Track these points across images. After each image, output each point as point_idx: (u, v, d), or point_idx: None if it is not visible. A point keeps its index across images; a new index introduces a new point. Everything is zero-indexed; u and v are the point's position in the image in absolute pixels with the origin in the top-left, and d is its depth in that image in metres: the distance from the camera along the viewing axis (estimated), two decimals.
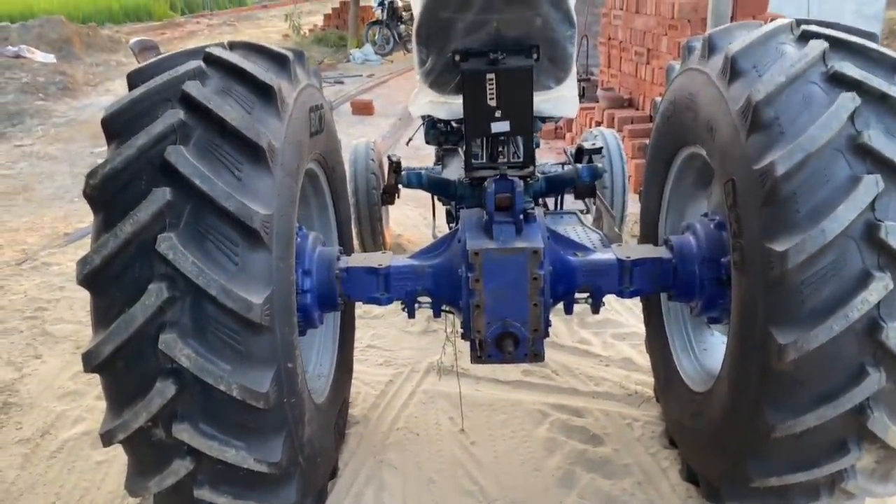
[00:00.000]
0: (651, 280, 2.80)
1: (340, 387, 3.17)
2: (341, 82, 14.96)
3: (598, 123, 7.94)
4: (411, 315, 2.90)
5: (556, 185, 3.03)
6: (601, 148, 3.23)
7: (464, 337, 2.80)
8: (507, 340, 2.64)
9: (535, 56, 2.57)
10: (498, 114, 2.62)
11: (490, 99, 2.59)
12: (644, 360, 3.79)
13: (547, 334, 2.79)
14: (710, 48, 2.55)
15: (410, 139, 5.29)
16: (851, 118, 2.07)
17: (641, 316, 4.21)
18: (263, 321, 2.08)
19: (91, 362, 2.07)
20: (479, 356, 2.70)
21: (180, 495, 2.24)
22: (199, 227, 2.07)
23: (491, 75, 2.56)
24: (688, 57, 2.79)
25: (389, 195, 4.79)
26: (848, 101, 2.08)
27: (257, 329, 2.09)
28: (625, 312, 4.46)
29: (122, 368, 2.09)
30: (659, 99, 3.18)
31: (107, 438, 2.15)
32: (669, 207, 3.21)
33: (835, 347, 2.01)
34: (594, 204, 5.46)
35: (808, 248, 1.99)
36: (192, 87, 2.17)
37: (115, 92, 13.13)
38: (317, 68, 3.04)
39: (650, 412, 3.46)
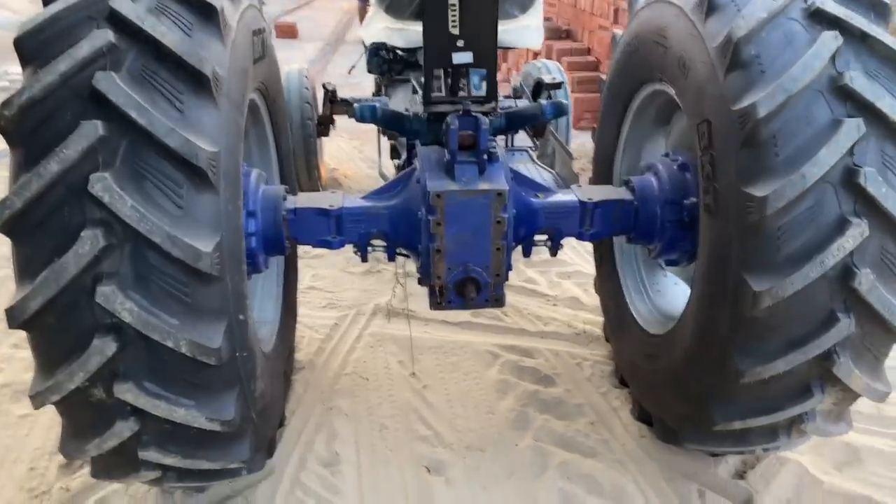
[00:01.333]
0: (612, 222, 2.73)
1: (286, 333, 3.01)
2: (262, 2, 14.13)
3: (536, 55, 7.77)
4: (364, 259, 2.75)
5: (516, 122, 2.89)
6: (562, 83, 3.11)
7: (420, 282, 2.68)
8: (469, 286, 2.53)
9: None
10: (460, 43, 2.44)
11: (452, 26, 2.40)
12: (591, 299, 3.79)
13: (507, 278, 2.69)
14: None
15: (353, 67, 5.00)
16: (833, 59, 2.00)
17: (585, 255, 4.21)
18: (213, 270, 1.89)
19: (17, 318, 1.84)
20: (438, 302, 2.59)
21: (123, 457, 2.07)
22: (137, 165, 1.84)
23: (454, 1, 2.36)
24: None
25: (324, 126, 4.54)
26: (830, 39, 2.01)
27: (207, 279, 1.90)
28: (569, 251, 4.42)
29: (52, 325, 1.88)
30: (619, 32, 3.06)
31: (38, 401, 1.94)
32: (626, 146, 3.13)
33: (809, 294, 1.99)
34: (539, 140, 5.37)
35: (787, 194, 1.94)
36: (120, 4, 1.90)
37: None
38: None
39: (599, 351, 3.46)
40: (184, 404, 1.99)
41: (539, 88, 3.32)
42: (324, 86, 4.82)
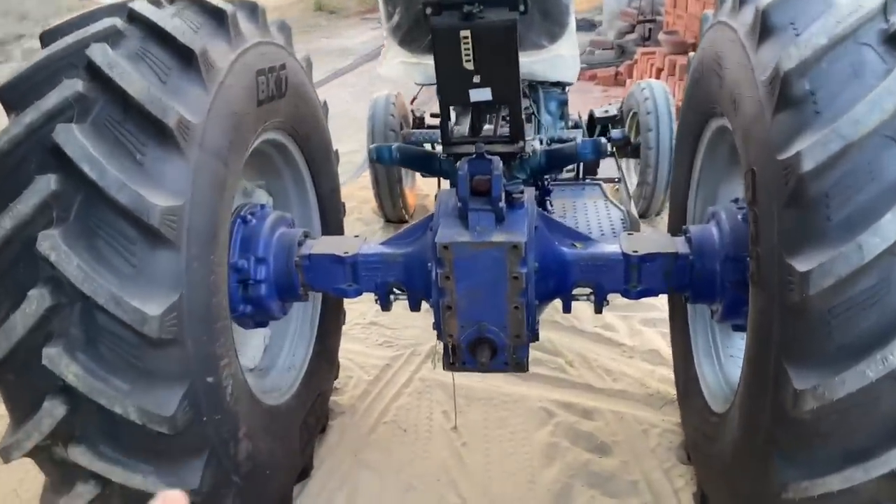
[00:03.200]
0: (663, 278, 2.35)
1: (315, 380, 2.87)
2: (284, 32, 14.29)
3: (660, 71, 7.24)
4: (385, 308, 2.55)
5: (556, 162, 2.57)
6: (616, 116, 2.74)
7: (439, 338, 2.44)
8: (483, 347, 2.25)
9: (521, 8, 2.10)
10: (476, 79, 2.18)
11: (466, 61, 2.15)
12: None
13: (534, 339, 2.39)
14: None
15: (415, 98, 4.83)
16: None
17: None
18: (163, 335, 1.76)
19: None
20: (451, 362, 2.34)
21: None
22: (90, 222, 1.75)
23: (465, 32, 2.10)
24: (720, 6, 2.26)
25: None
26: None
27: (157, 343, 1.78)
28: None
29: (12, 381, 1.83)
30: (692, 55, 2.66)
31: (4, 455, 1.90)
32: (700, 187, 2.72)
33: (868, 398, 1.55)
34: (636, 165, 4.93)
35: (838, 270, 1.51)
36: (96, 52, 1.83)
37: None
38: (284, 21, 2.64)
39: (671, 417, 3.03)
40: (142, 470, 1.88)
41: (592, 122, 2.97)
42: (412, 111, 4.69)
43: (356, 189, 5.82)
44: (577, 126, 4.65)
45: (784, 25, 1.79)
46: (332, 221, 3.06)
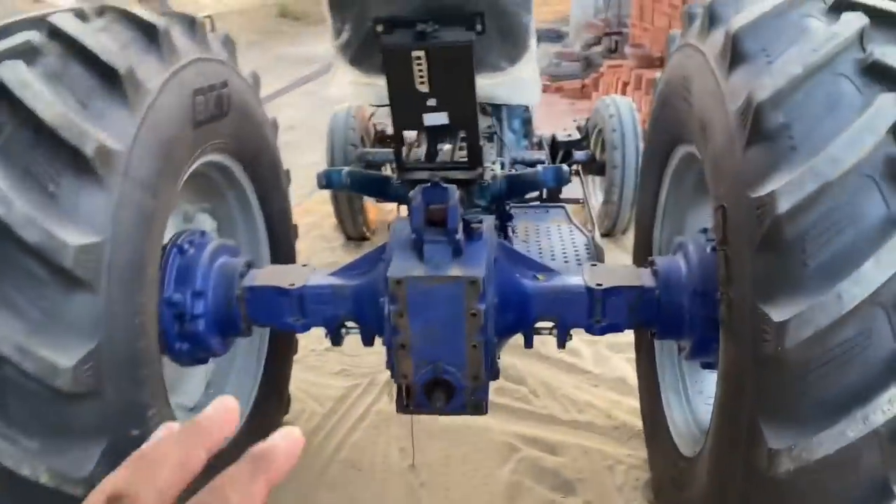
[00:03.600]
0: (628, 313, 2.22)
1: (262, 419, 2.68)
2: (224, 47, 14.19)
3: (626, 84, 7.18)
4: (335, 343, 2.38)
5: (518, 188, 2.45)
6: (581, 140, 2.62)
7: (393, 377, 2.28)
8: (439, 390, 2.10)
9: (478, 27, 1.97)
10: (431, 102, 2.03)
11: (420, 83, 2.00)
12: None
13: (493, 377, 2.25)
14: (712, 18, 1.92)
15: (373, 113, 4.67)
16: (894, 132, 1.44)
17: None
18: (78, 387, 1.58)
19: None
20: (406, 405, 2.18)
21: None
22: None
23: (419, 53, 1.96)
24: (688, 27, 2.15)
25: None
26: (890, 105, 1.46)
27: (72, 397, 1.59)
28: None
29: None
30: (659, 75, 2.55)
31: None
32: (666, 215, 2.60)
33: (847, 459, 1.43)
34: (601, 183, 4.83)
35: (816, 320, 1.40)
36: (6, 71, 1.66)
37: None
38: (227, 35, 2.48)
39: (638, 452, 2.90)
40: None
41: (555, 146, 2.84)
42: (374, 125, 4.53)
43: (317, 204, 5.63)
44: (541, 145, 4.54)
45: (756, 52, 1.68)
46: (282, 246, 2.88)
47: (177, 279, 2.22)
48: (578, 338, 3.65)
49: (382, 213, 5.34)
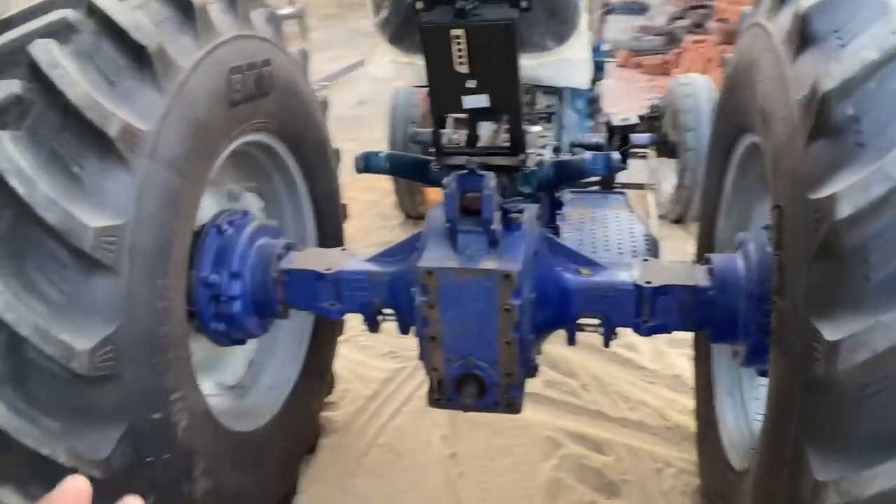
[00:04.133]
0: (679, 314, 2.07)
1: (302, 401, 2.66)
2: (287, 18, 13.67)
3: (709, 61, 6.81)
4: (372, 329, 2.33)
5: (566, 176, 2.30)
6: (636, 125, 2.45)
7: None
8: (470, 385, 2.02)
9: (523, 3, 1.83)
10: (471, 83, 1.92)
11: (460, 63, 1.89)
12: None
13: (530, 375, 2.15)
14: None
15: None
16: None
17: None
18: (94, 371, 1.58)
19: None
20: (436, 399, 2.11)
21: None
22: (18, 243, 1.57)
23: (458, 31, 1.85)
24: (759, 4, 1.96)
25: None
26: None
27: (89, 380, 1.59)
28: None
29: None
30: (729, 57, 2.35)
31: None
32: (729, 208, 2.41)
33: None
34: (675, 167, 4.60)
35: (874, 343, 1.24)
36: (40, 49, 1.64)
37: None
38: (272, 12, 2.42)
39: (689, 455, 2.75)
40: None
41: (611, 131, 2.68)
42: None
43: (378, 181, 5.56)
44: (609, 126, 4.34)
45: (827, 34, 1.49)
46: (329, 227, 2.84)
47: (214, 260, 2.20)
48: None
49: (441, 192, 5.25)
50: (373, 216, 5.12)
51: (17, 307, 1.53)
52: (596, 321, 2.20)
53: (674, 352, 3.39)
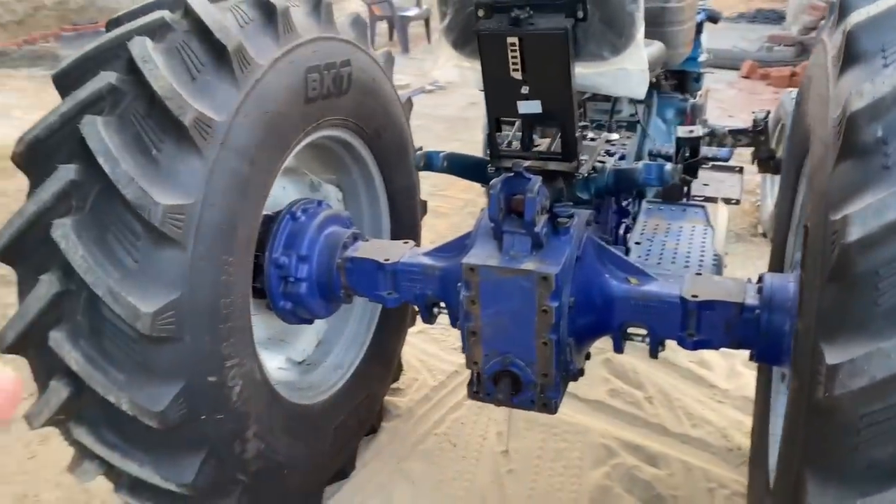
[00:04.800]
0: (724, 330, 2.04)
1: (363, 383, 2.81)
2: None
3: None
4: (426, 321, 2.44)
5: (623, 184, 2.30)
6: (699, 138, 2.41)
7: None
8: (505, 381, 2.08)
9: (579, 13, 1.87)
10: (525, 90, 1.98)
11: (514, 70, 1.96)
12: None
13: (572, 378, 2.18)
14: (842, 10, 1.68)
15: None
16: None
17: None
18: (156, 332, 1.77)
19: (1, 345, 1.92)
20: (475, 391, 2.19)
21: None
22: (102, 214, 1.80)
23: (513, 39, 1.91)
24: (827, 19, 1.90)
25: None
26: None
27: (152, 340, 1.79)
28: None
29: (32, 355, 1.94)
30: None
31: (29, 421, 2.02)
32: (799, 226, 2.34)
33: None
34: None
35: (873, 370, 1.21)
36: (135, 45, 1.86)
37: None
38: (358, 16, 2.58)
39: (745, 479, 2.67)
40: (138, 459, 1.92)
41: (678, 144, 2.62)
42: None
43: None
44: (712, 134, 4.22)
45: (873, 52, 1.45)
46: (404, 221, 2.98)
47: (285, 243, 2.39)
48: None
49: None
50: (465, 214, 5.24)
51: (96, 270, 1.75)
52: (643, 331, 2.21)
53: (749, 372, 3.28)
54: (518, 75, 1.97)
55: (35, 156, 1.88)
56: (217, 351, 1.96)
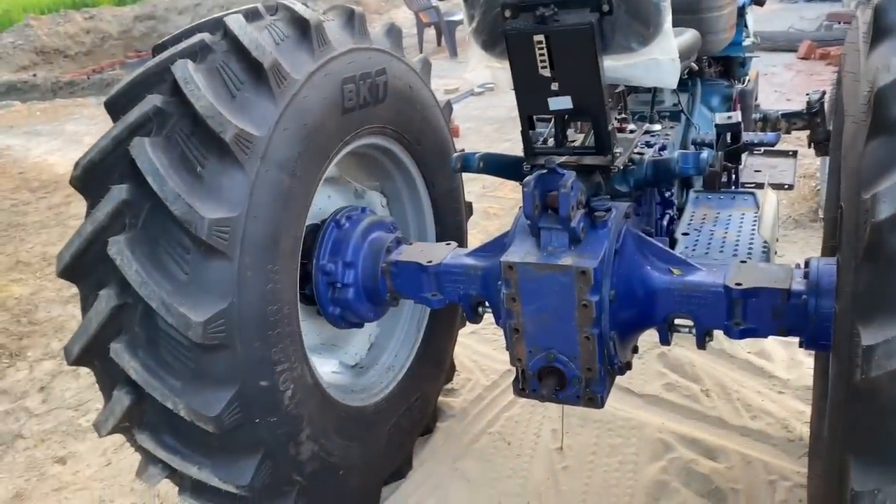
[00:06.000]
0: (771, 317, 2.00)
1: (416, 383, 2.86)
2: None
3: None
4: (471, 320, 2.47)
5: (662, 175, 2.27)
6: (739, 123, 2.35)
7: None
8: (550, 377, 2.09)
9: (604, 7, 1.87)
10: (555, 86, 1.99)
11: (542, 67, 1.97)
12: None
13: (618, 373, 2.18)
14: None
15: None
16: None
17: None
18: (208, 340, 1.86)
19: (68, 358, 2.04)
20: (520, 388, 2.20)
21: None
22: (153, 230, 1.89)
23: (539, 37, 1.93)
24: None
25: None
26: None
27: (204, 348, 1.88)
28: None
29: (96, 366, 2.05)
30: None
31: (97, 428, 2.14)
32: None
33: None
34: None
35: None
36: (178, 68, 1.96)
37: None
38: (393, 24, 2.63)
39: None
40: (198, 462, 2.01)
41: (718, 130, 2.57)
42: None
43: None
44: (765, 119, 4.11)
45: None
46: (448, 224, 3.02)
47: (331, 250, 2.46)
48: (774, 339, 3.34)
49: None
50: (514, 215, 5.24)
51: (149, 284, 1.84)
52: (689, 322, 2.18)
53: (811, 361, 3.18)
54: (547, 72, 1.98)
55: (91, 178, 1.99)
56: (267, 356, 2.04)
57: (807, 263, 2.02)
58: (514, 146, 6.03)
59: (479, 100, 9.10)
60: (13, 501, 2.92)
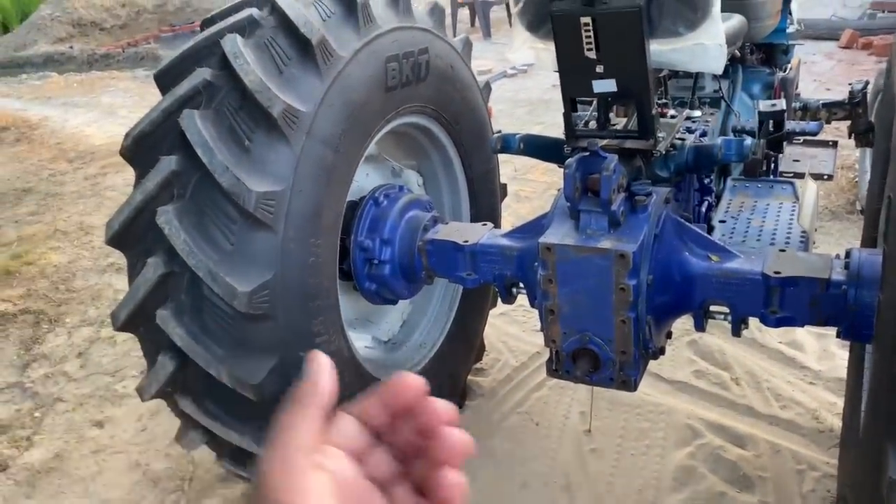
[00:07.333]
0: (809, 307, 2.00)
1: (447, 361, 2.90)
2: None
3: None
4: (505, 301, 2.49)
5: (703, 161, 2.26)
6: (782, 111, 2.33)
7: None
8: (584, 359, 2.11)
9: None
10: (599, 69, 1.99)
11: (588, 50, 1.97)
12: None
13: (652, 357, 2.19)
14: None
15: None
16: None
17: None
18: (252, 310, 1.90)
19: (115, 324, 2.10)
20: (553, 369, 2.22)
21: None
22: (200, 201, 1.93)
23: (586, 19, 1.93)
24: None
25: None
26: None
27: (248, 317, 1.92)
28: None
29: (142, 333, 2.11)
30: None
31: (140, 393, 2.20)
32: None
33: None
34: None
35: None
36: (227, 43, 1.99)
37: None
38: (437, 3, 2.64)
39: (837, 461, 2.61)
40: (238, 429, 2.07)
41: (760, 118, 2.54)
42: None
43: None
44: (805, 108, 4.07)
45: None
46: (483, 204, 3.03)
47: (369, 227, 2.49)
48: (806, 329, 3.34)
49: None
50: (548, 198, 5.24)
51: (197, 253, 1.89)
52: (725, 309, 2.19)
53: (843, 353, 3.17)
54: (592, 55, 1.99)
55: (140, 149, 2.04)
56: (308, 328, 2.08)
57: (848, 254, 2.01)
58: (545, 129, 6.03)
59: (511, 82, 9.07)
60: (54, 461, 3.02)
